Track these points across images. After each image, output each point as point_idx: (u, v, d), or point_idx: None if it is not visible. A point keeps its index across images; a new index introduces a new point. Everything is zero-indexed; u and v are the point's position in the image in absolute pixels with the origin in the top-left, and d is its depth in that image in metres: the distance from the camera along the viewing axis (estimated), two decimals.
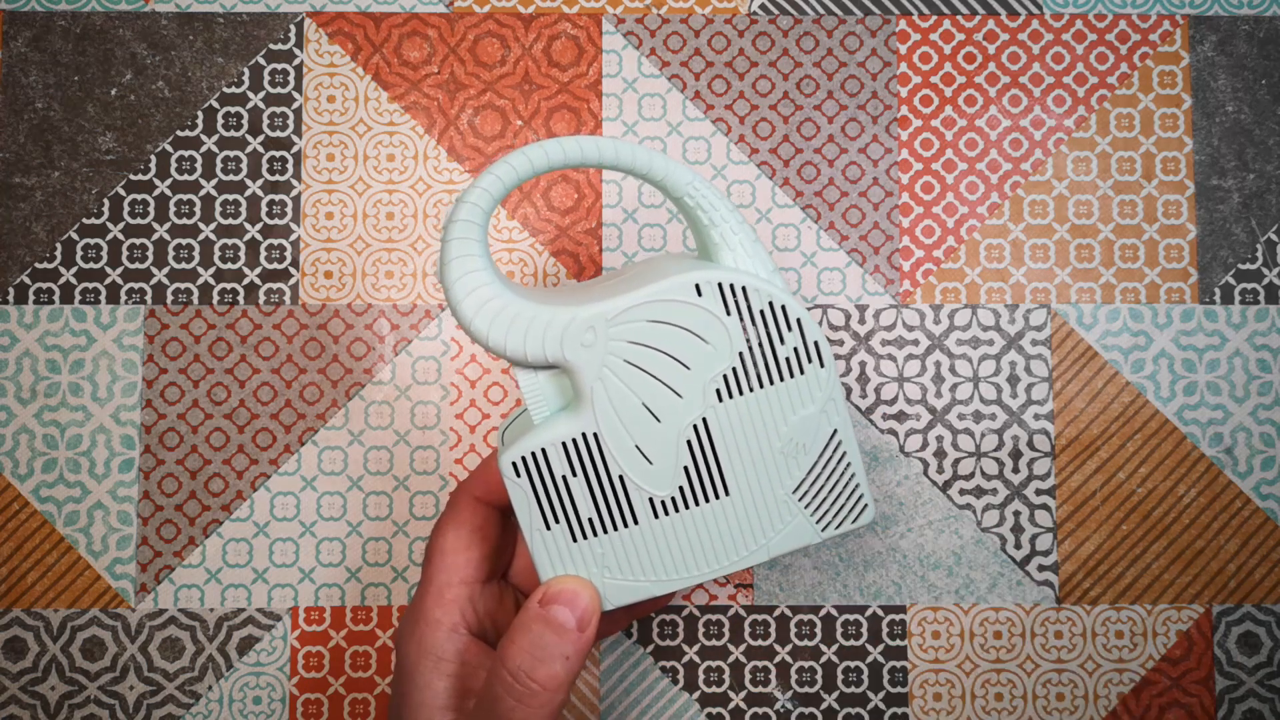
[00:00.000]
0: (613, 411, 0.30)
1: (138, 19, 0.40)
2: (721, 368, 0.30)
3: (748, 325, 0.30)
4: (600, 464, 0.30)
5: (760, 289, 0.30)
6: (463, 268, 0.29)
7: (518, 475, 0.30)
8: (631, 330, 0.29)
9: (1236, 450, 0.39)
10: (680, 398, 0.30)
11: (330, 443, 0.39)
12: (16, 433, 0.39)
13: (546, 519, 0.30)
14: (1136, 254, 0.40)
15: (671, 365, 0.30)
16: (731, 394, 0.30)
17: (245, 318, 0.39)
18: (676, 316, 0.30)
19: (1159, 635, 0.39)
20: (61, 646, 0.38)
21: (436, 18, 0.40)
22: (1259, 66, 0.40)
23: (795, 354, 0.30)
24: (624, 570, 0.31)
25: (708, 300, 0.30)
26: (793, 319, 0.30)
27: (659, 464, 0.30)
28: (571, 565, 0.30)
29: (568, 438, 0.30)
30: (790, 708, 0.39)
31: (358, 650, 0.38)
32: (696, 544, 0.31)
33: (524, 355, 0.29)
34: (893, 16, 0.40)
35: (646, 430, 0.30)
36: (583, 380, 0.29)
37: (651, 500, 0.30)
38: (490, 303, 0.29)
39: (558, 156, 0.30)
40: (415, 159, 0.40)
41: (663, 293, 0.29)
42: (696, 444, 0.30)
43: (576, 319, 0.29)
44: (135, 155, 0.40)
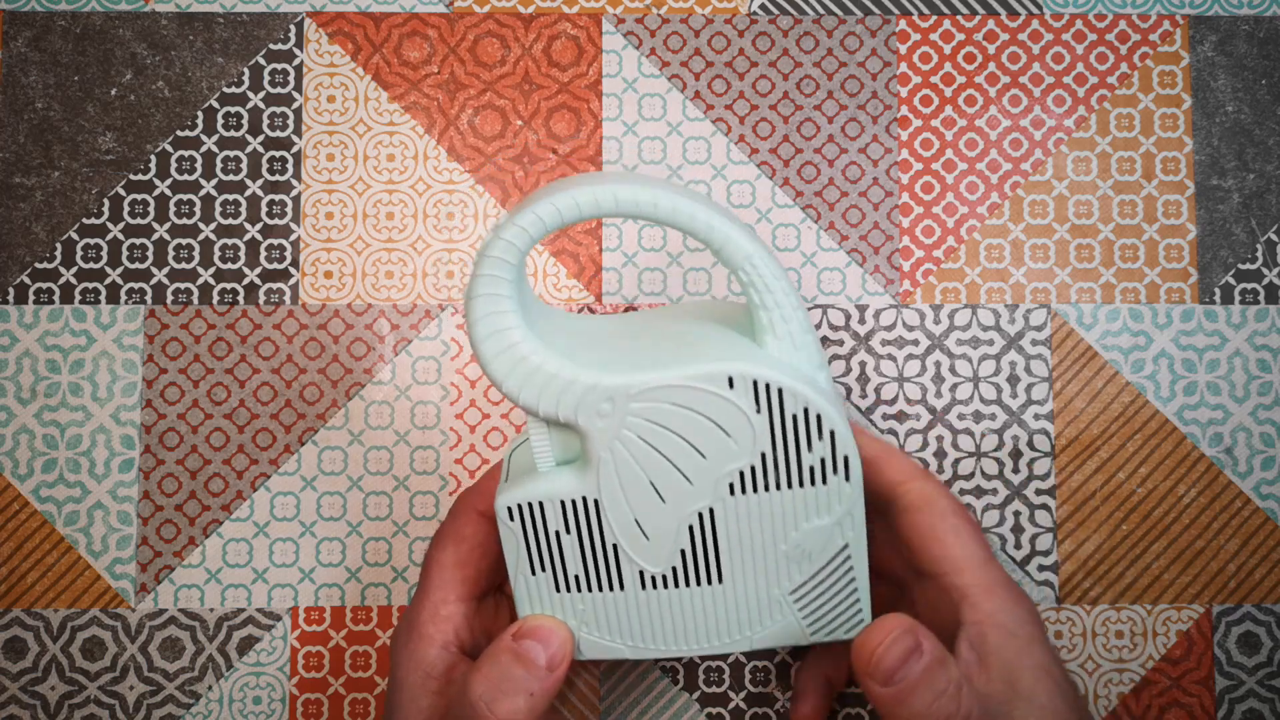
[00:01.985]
0: (617, 483, 0.28)
1: (138, 19, 0.40)
2: (739, 464, 0.28)
3: (776, 427, 0.28)
4: (596, 529, 0.29)
5: (798, 394, 0.28)
6: (490, 306, 0.28)
7: (511, 519, 0.29)
8: (652, 410, 0.28)
9: (1236, 450, 0.39)
10: (690, 484, 0.29)
11: (330, 443, 0.39)
12: (16, 433, 0.39)
13: (533, 565, 0.29)
14: (1136, 254, 0.40)
15: (688, 451, 0.28)
16: (745, 490, 0.29)
17: (245, 318, 0.39)
18: (702, 405, 0.28)
19: (1159, 635, 0.39)
20: (61, 646, 0.38)
21: (436, 18, 0.40)
22: (1259, 66, 0.40)
23: (821, 464, 0.29)
24: (601, 629, 0.30)
25: (739, 394, 0.28)
26: (826, 429, 0.28)
27: (656, 542, 0.29)
28: (551, 611, 0.30)
29: (567, 497, 0.29)
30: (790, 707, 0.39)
31: (358, 650, 0.38)
32: (680, 622, 0.30)
33: (537, 409, 0.28)
34: (893, 16, 0.41)
35: (649, 508, 0.29)
36: (592, 448, 0.28)
37: (642, 573, 0.29)
38: (512, 349, 0.28)
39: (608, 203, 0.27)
40: (415, 159, 0.40)
41: (693, 379, 0.28)
42: (698, 530, 0.29)
43: (597, 388, 0.28)
44: (135, 155, 0.40)
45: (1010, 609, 0.30)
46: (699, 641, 0.30)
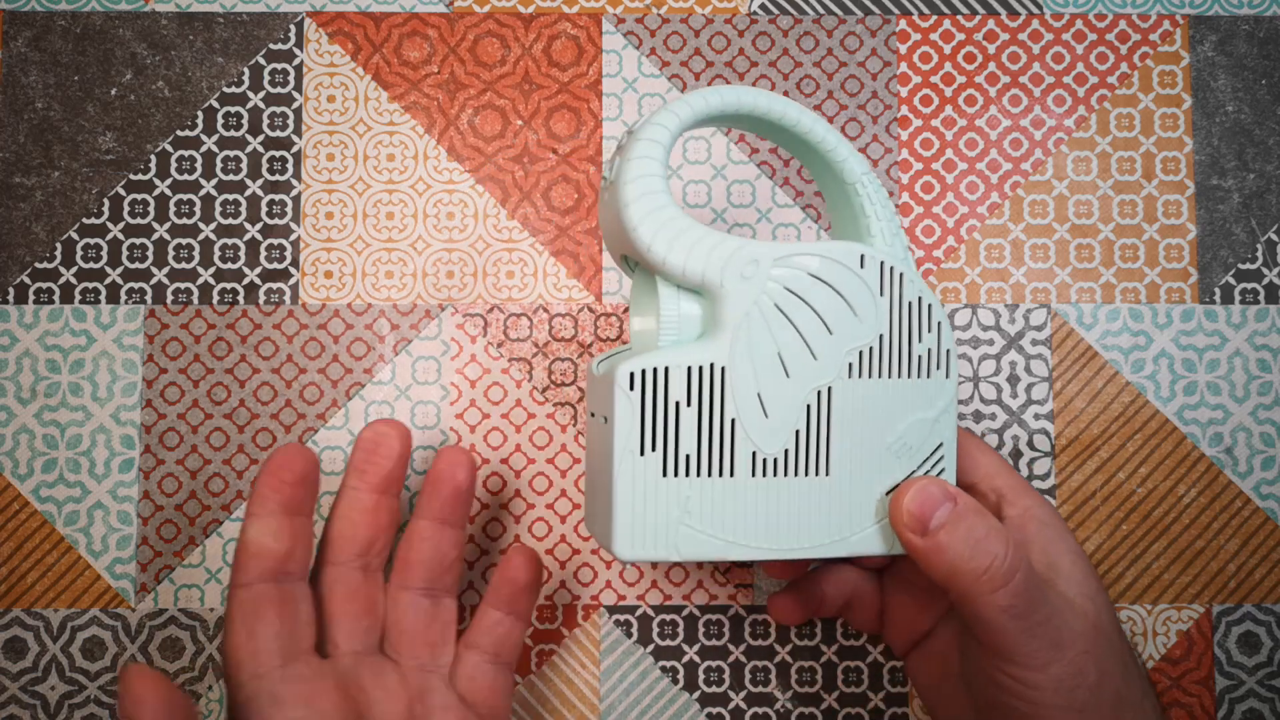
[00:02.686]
0: (747, 350, 0.29)
1: (138, 19, 0.40)
2: (861, 343, 0.30)
3: (895, 310, 0.30)
4: (718, 400, 0.29)
5: (916, 281, 0.31)
6: (642, 169, 0.29)
7: (631, 388, 0.29)
8: (792, 277, 0.30)
9: (1236, 450, 0.39)
10: (815, 359, 0.30)
11: (330, 443, 0.39)
12: (16, 433, 0.39)
13: (644, 443, 0.29)
14: (1136, 254, 0.40)
15: (817, 324, 0.30)
16: (862, 372, 0.30)
17: (245, 318, 0.39)
18: (836, 278, 0.30)
19: (1159, 635, 0.39)
20: (61, 646, 0.38)
21: (436, 18, 0.40)
22: (1259, 66, 0.40)
23: (928, 355, 0.31)
24: (704, 521, 0.30)
25: (868, 273, 0.30)
26: (934, 320, 0.31)
27: (774, 419, 0.30)
28: (653, 500, 0.29)
29: (695, 364, 0.29)
30: (790, 707, 0.39)
31: None
32: (781, 516, 0.30)
33: (682, 271, 0.29)
34: (893, 16, 0.40)
35: (773, 381, 0.30)
36: (728, 311, 0.29)
37: (755, 455, 0.30)
38: (660, 211, 0.29)
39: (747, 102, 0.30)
40: (415, 159, 0.40)
41: (830, 251, 0.30)
42: (815, 411, 0.30)
43: (745, 249, 0.29)
44: (135, 155, 0.40)
45: (1040, 505, 0.32)
46: (797, 540, 0.30)
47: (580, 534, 0.39)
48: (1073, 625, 0.29)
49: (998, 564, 0.28)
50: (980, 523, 0.29)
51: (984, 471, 0.33)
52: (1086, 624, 0.29)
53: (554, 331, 0.39)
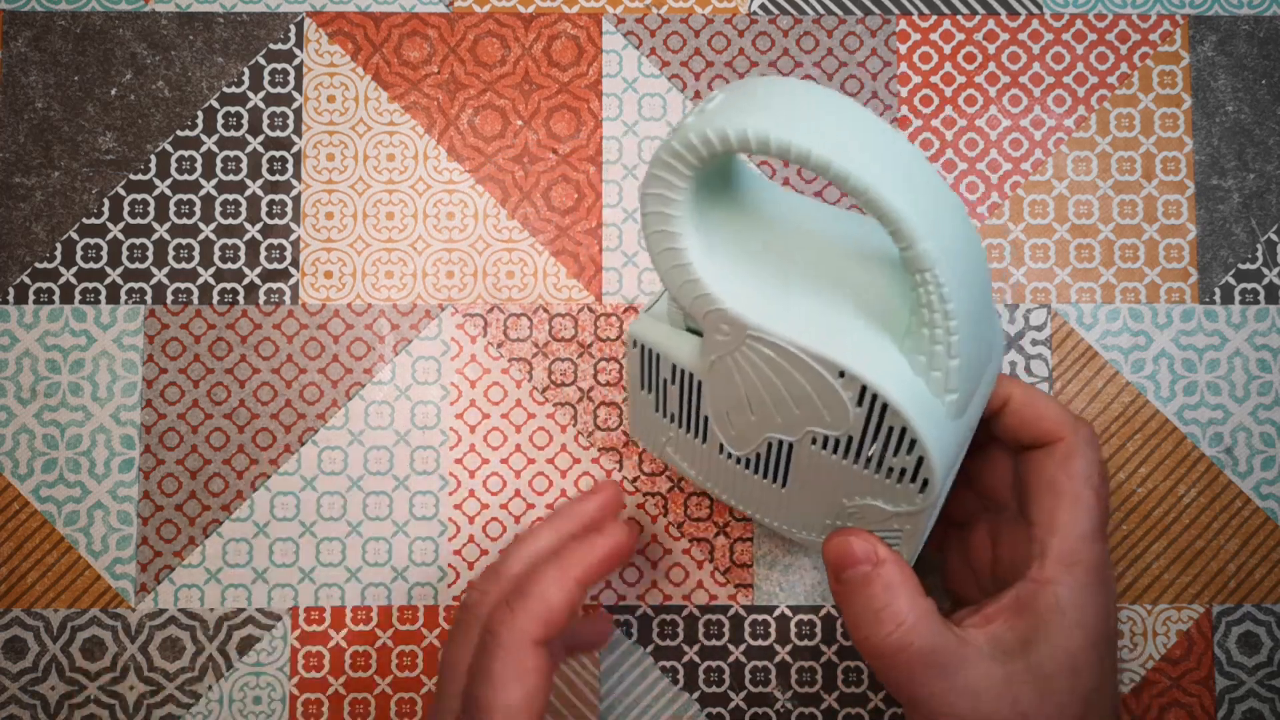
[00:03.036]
0: (720, 381, 0.30)
1: (138, 19, 0.40)
2: (826, 430, 0.29)
3: (870, 426, 0.28)
4: (694, 397, 0.31)
5: (902, 413, 0.26)
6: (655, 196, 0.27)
7: (633, 346, 0.32)
8: (763, 354, 0.28)
9: (1236, 450, 0.39)
10: (778, 419, 0.30)
11: (330, 443, 0.39)
12: (16, 433, 0.39)
13: (643, 384, 0.33)
14: (1136, 254, 0.40)
15: (783, 398, 0.29)
16: (825, 447, 0.29)
17: (245, 318, 0.39)
18: (807, 376, 0.28)
19: (1159, 635, 0.39)
20: (61, 646, 0.38)
21: (436, 18, 0.40)
22: (1259, 66, 0.40)
23: (903, 471, 0.28)
24: (681, 454, 0.34)
25: (844, 386, 0.27)
26: (915, 453, 0.28)
27: (740, 436, 0.31)
28: (650, 420, 0.34)
29: (679, 364, 0.31)
30: (790, 707, 0.39)
31: (358, 650, 0.38)
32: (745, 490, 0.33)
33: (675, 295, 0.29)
34: (893, 16, 0.40)
35: (739, 412, 0.30)
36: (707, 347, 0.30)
37: (722, 445, 0.32)
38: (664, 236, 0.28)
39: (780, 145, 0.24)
40: (415, 159, 0.40)
41: (807, 353, 0.27)
42: (775, 449, 0.31)
43: (723, 313, 0.28)
44: (135, 155, 0.40)
45: (1079, 590, 0.29)
46: (753, 507, 0.34)
47: None
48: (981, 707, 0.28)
49: (875, 640, 0.29)
50: (881, 596, 0.29)
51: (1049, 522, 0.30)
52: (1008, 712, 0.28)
53: (554, 331, 0.39)
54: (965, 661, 0.29)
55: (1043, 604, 0.29)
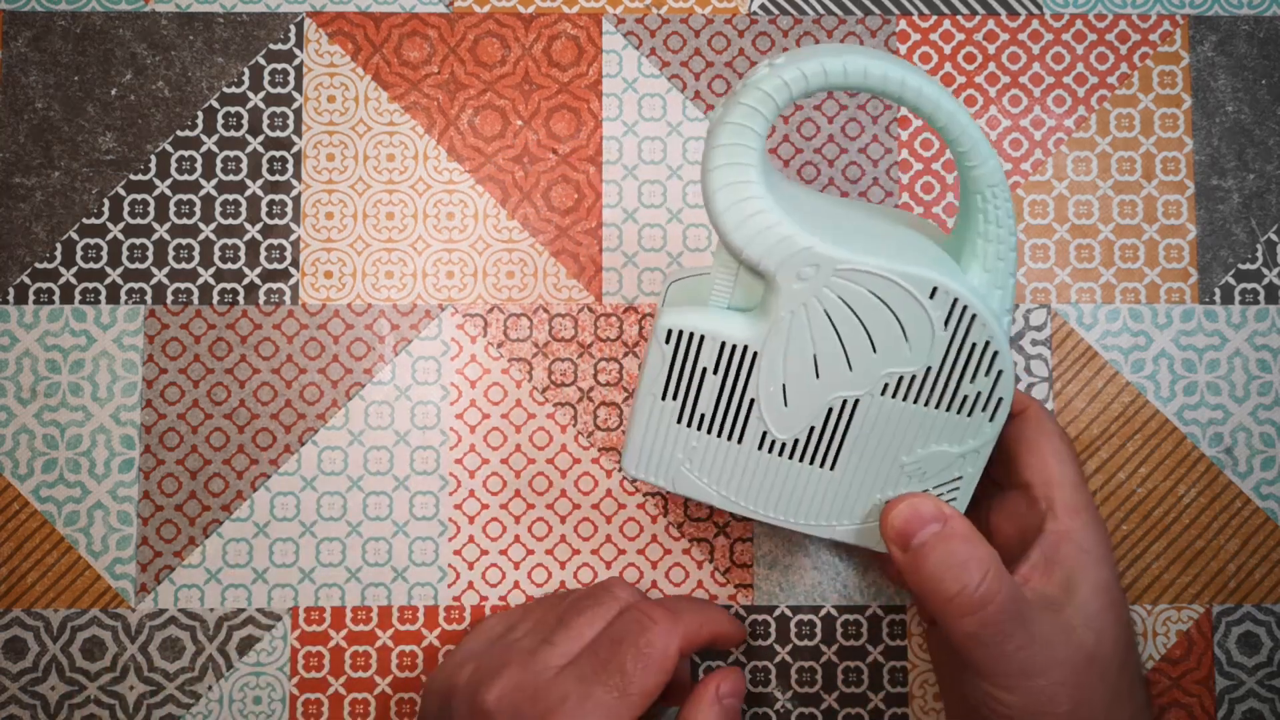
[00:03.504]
0: (784, 345, 0.29)
1: (138, 19, 0.40)
2: (905, 369, 0.29)
3: (953, 348, 0.29)
4: (742, 380, 0.30)
5: (987, 324, 0.29)
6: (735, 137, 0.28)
7: (666, 342, 0.30)
8: (849, 290, 0.29)
9: (1236, 450, 0.39)
10: (850, 371, 0.29)
11: (330, 443, 0.39)
12: (16, 433, 0.39)
13: (667, 390, 0.30)
14: (1136, 254, 0.40)
15: (862, 340, 0.29)
16: (897, 394, 0.30)
17: (245, 318, 0.39)
18: (897, 303, 0.29)
19: (1159, 635, 0.39)
20: (61, 646, 0.38)
21: (436, 18, 0.40)
22: (1259, 66, 0.40)
23: (977, 398, 0.30)
24: (701, 469, 0.31)
25: (935, 306, 0.29)
26: (995, 368, 0.29)
27: (793, 411, 0.30)
28: (663, 441, 0.31)
29: (730, 340, 0.29)
30: (790, 707, 0.39)
31: (358, 650, 0.38)
32: (777, 489, 0.31)
33: (742, 251, 0.28)
34: (893, 16, 0.40)
35: (802, 379, 0.30)
36: (777, 305, 0.29)
37: (765, 434, 0.30)
38: (740, 186, 0.28)
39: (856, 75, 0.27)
40: (415, 159, 0.40)
41: (901, 274, 0.28)
42: (836, 415, 0.30)
43: (810, 250, 0.28)
44: (135, 155, 0.40)
45: (1088, 530, 0.32)
46: (787, 514, 0.32)
47: (580, 534, 0.39)
48: (1055, 654, 0.29)
49: (967, 593, 0.29)
50: (962, 548, 0.29)
51: (1046, 476, 0.33)
52: (1075, 654, 0.29)
53: (554, 332, 0.39)
54: (1034, 612, 0.29)
55: (1068, 552, 0.31)
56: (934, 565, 0.29)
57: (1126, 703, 0.30)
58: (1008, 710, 0.29)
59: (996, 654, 0.29)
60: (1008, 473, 0.34)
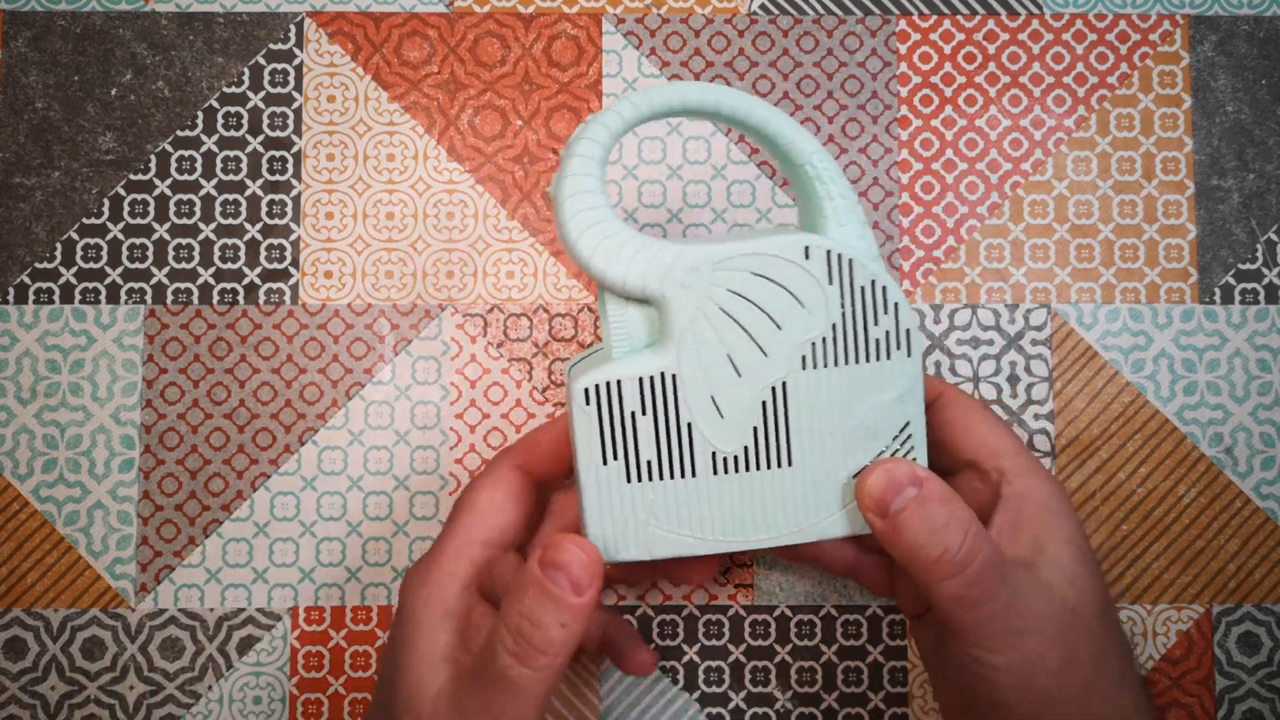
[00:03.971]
0: (696, 356, 0.29)
1: (138, 19, 0.40)
2: (812, 335, 0.30)
3: (846, 298, 0.30)
4: (672, 407, 0.30)
5: (866, 265, 0.30)
6: (578, 186, 0.29)
7: (587, 403, 0.29)
8: (734, 279, 0.29)
9: (1236, 450, 0.39)
10: (765, 356, 0.30)
11: (330, 443, 0.39)
12: (16, 433, 0.39)
13: (605, 453, 0.30)
14: (1136, 254, 0.40)
15: (764, 322, 0.30)
16: (816, 363, 0.30)
17: (245, 318, 0.39)
18: (780, 274, 0.29)
19: (1159, 635, 0.39)
20: (61, 646, 0.38)
21: (436, 18, 0.40)
22: (1259, 66, 0.40)
23: (886, 337, 0.30)
24: (671, 521, 0.30)
25: (813, 264, 0.30)
26: (890, 301, 0.30)
27: (730, 419, 0.30)
28: (619, 505, 0.30)
29: (645, 374, 0.29)
30: (790, 707, 0.39)
31: (358, 650, 0.38)
32: (746, 510, 0.31)
33: (622, 283, 0.29)
34: (893, 16, 0.40)
35: (726, 382, 0.30)
36: (673, 320, 0.29)
37: (715, 455, 0.30)
38: (598, 226, 0.29)
39: (693, 98, 0.30)
40: (415, 159, 0.40)
41: (772, 248, 0.29)
42: (771, 406, 0.30)
43: (683, 256, 0.29)
44: (135, 155, 0.40)
45: (1045, 486, 0.32)
46: (764, 531, 0.31)
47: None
48: (1038, 610, 0.29)
49: (950, 554, 0.28)
50: (942, 510, 0.29)
51: (989, 449, 0.32)
52: (1059, 609, 0.29)
53: (554, 331, 0.39)
54: (1012, 570, 0.29)
55: (1031, 511, 0.31)
56: (914, 530, 0.29)
57: (1112, 656, 0.30)
58: (999, 675, 0.29)
59: (983, 614, 0.29)
60: (952, 459, 0.34)
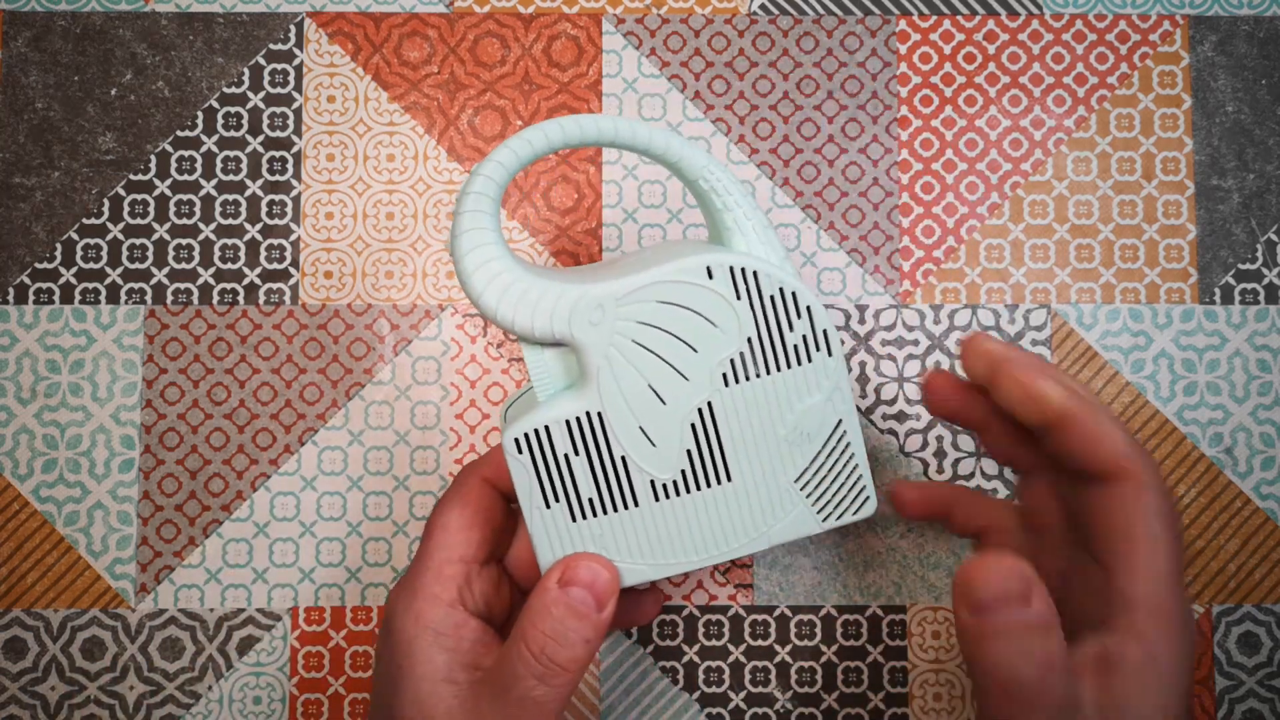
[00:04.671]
0: (618, 391, 0.29)
1: (138, 19, 0.40)
2: (729, 352, 0.30)
3: (757, 310, 0.30)
4: (603, 444, 0.30)
5: (772, 274, 0.30)
6: (474, 240, 0.29)
7: (519, 452, 0.30)
8: (640, 310, 0.29)
9: (1236, 450, 0.39)
10: (686, 380, 0.30)
11: (330, 443, 0.39)
12: (16, 433, 0.39)
13: (546, 497, 0.30)
14: (1136, 254, 0.40)
15: (679, 347, 0.30)
16: (738, 379, 0.30)
17: (245, 318, 0.39)
18: (686, 298, 0.29)
19: None
20: (61, 646, 0.38)
21: (436, 18, 0.40)
22: (1259, 66, 0.40)
23: (804, 341, 0.30)
24: (622, 553, 0.31)
25: (718, 283, 0.29)
26: (802, 306, 0.30)
27: (662, 446, 0.30)
28: (570, 545, 0.30)
29: (571, 416, 0.29)
30: (790, 707, 0.39)
31: (358, 650, 0.38)
32: (696, 529, 0.31)
33: (531, 330, 0.29)
34: (893, 16, 0.40)
35: (651, 412, 0.30)
36: (589, 359, 0.29)
37: (653, 482, 0.30)
38: (500, 276, 0.29)
39: (574, 133, 0.29)
40: (415, 159, 0.40)
41: (673, 274, 0.29)
42: (700, 428, 0.30)
43: (586, 296, 0.29)
44: (135, 155, 0.40)
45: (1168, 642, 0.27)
46: (717, 547, 0.31)
47: None
48: None
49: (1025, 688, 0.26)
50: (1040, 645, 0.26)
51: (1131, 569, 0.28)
52: None
53: None
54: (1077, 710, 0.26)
55: (1133, 661, 0.27)
56: (1004, 651, 0.26)
57: None
58: None
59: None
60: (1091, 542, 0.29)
